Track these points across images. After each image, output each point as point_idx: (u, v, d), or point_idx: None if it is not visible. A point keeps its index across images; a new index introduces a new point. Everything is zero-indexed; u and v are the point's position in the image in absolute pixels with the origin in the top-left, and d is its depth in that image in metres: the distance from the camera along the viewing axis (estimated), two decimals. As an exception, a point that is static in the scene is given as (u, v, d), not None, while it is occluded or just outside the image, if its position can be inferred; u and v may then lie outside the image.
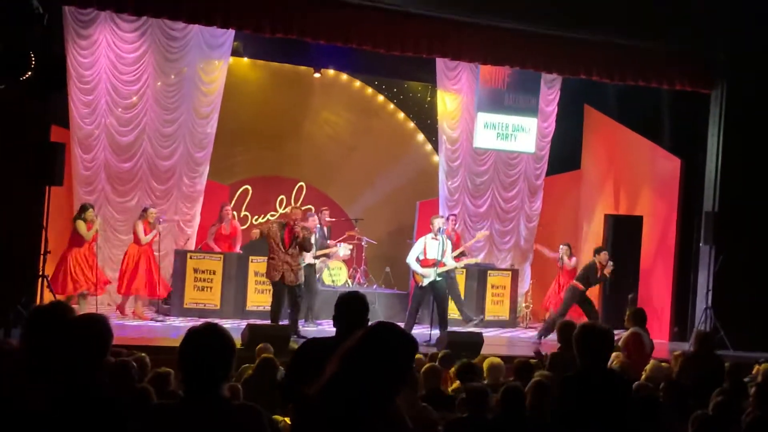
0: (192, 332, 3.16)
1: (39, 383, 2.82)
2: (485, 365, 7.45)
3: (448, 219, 13.73)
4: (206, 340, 3.12)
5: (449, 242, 12.30)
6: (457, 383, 7.22)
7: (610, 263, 12.87)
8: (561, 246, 14.03)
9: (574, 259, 14.02)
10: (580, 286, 12.66)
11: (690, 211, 13.96)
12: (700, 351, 7.83)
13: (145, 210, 12.19)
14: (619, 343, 9.03)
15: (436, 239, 11.78)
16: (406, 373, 3.14)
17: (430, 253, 11.78)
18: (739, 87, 13.30)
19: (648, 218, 14.47)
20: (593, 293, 14.32)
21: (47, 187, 10.61)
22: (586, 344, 4.61)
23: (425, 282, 11.71)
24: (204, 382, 3.08)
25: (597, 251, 13.01)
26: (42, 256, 10.63)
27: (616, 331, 9.22)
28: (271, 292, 11.36)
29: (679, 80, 13.47)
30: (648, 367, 8.12)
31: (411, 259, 11.89)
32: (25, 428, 2.63)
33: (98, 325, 2.87)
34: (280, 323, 11.10)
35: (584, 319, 11.64)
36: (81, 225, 11.59)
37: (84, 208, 11.72)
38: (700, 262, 13.68)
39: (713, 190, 13.50)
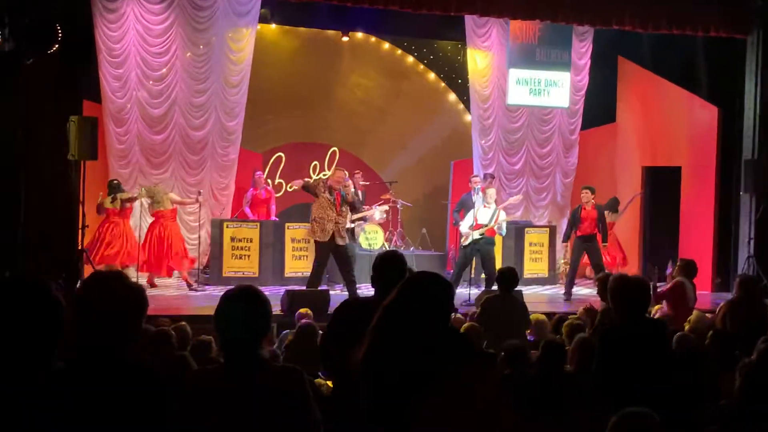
0: (226, 295, 3.14)
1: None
2: (531, 321, 7.43)
3: (484, 178, 13.62)
4: (241, 302, 3.11)
5: (481, 200, 12.32)
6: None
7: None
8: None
9: (616, 214, 13.84)
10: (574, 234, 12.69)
11: (729, 159, 13.74)
12: (743, 296, 7.66)
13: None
14: (664, 295, 8.94)
15: (487, 206, 11.80)
16: (446, 313, 3.13)
17: (481, 219, 11.81)
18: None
19: (686, 169, 14.27)
20: (633, 245, 14.22)
21: (83, 162, 10.68)
22: (621, 296, 4.54)
23: (467, 241, 11.77)
24: (241, 344, 3.07)
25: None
26: (80, 231, 10.73)
27: (660, 285, 9.18)
28: (315, 254, 11.31)
29: (714, 26, 13.19)
30: (691, 317, 8.03)
31: (464, 227, 11.95)
32: (57, 396, 2.63)
33: (135, 292, 2.85)
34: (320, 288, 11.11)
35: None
36: (106, 199, 11.77)
37: (118, 187, 11.91)
38: (741, 211, 13.49)
39: (752, 137, 13.26)
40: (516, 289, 8.67)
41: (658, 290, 9.04)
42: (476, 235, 11.83)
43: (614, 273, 9.96)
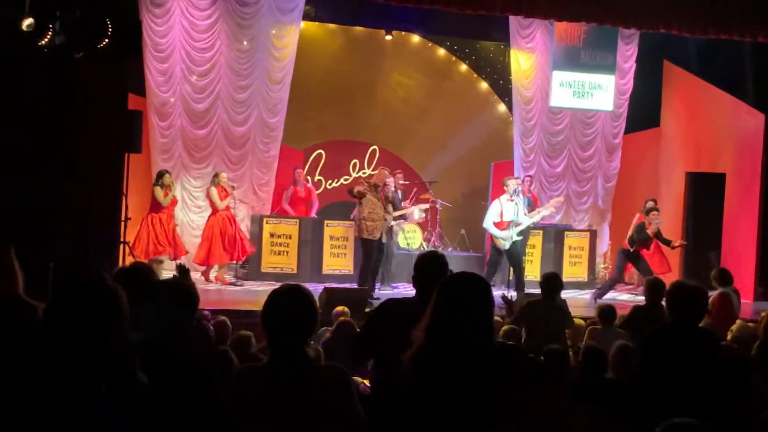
0: (274, 294, 3.14)
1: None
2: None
3: (524, 180, 13.57)
4: (289, 300, 3.11)
5: (526, 203, 12.23)
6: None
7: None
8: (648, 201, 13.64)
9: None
10: (627, 247, 12.49)
11: (775, 167, 13.54)
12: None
13: (216, 175, 12.29)
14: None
15: (511, 201, 11.70)
16: (487, 314, 3.13)
17: (507, 215, 11.69)
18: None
19: (731, 175, 14.06)
20: (675, 252, 14.04)
21: (126, 155, 10.78)
22: (676, 300, 4.48)
23: (506, 245, 11.68)
24: (289, 343, 3.07)
25: (647, 212, 12.73)
26: (122, 223, 10.83)
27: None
28: (363, 252, 11.41)
29: (762, 33, 12.98)
30: (734, 327, 7.92)
31: (488, 224, 11.83)
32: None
33: (190, 289, 2.88)
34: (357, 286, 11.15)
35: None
36: (158, 191, 11.77)
37: (161, 174, 11.90)
38: (786, 220, 13.29)
39: (799, 144, 13.06)
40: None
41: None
42: (516, 236, 11.76)
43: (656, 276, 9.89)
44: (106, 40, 8.81)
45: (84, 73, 9.72)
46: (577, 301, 12.85)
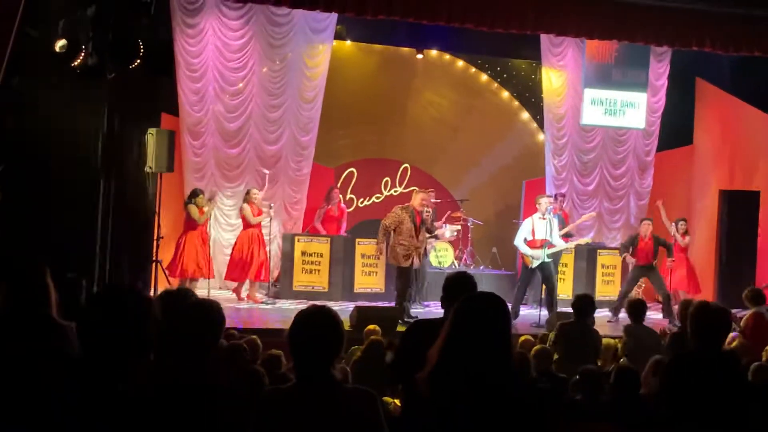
0: (301, 315, 3.15)
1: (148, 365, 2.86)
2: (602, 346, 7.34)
3: (556, 198, 13.52)
4: (315, 322, 3.11)
5: (558, 222, 12.17)
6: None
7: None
8: (679, 222, 13.55)
9: (688, 237, 13.58)
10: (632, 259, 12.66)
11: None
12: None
13: (248, 192, 12.38)
14: (741, 324, 8.75)
15: (544, 219, 11.66)
16: (501, 334, 3.12)
17: (538, 233, 11.65)
18: None
19: (765, 193, 13.92)
20: (709, 273, 13.90)
21: (159, 174, 10.89)
22: (700, 323, 4.43)
23: (535, 264, 11.63)
24: (315, 365, 3.07)
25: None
26: (156, 242, 10.93)
27: (736, 311, 8.99)
28: (397, 276, 11.42)
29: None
30: (768, 348, 7.82)
31: (519, 241, 11.80)
32: (128, 409, 2.68)
33: (212, 311, 2.90)
34: (389, 305, 11.17)
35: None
36: (193, 209, 11.83)
37: (195, 193, 11.97)
38: (822, 238, 13.11)
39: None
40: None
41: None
42: (546, 257, 11.70)
43: (688, 298, 9.84)
44: (138, 61, 8.92)
45: (117, 93, 9.86)
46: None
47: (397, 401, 5.37)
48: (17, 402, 2.66)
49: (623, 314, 10.59)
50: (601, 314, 12.35)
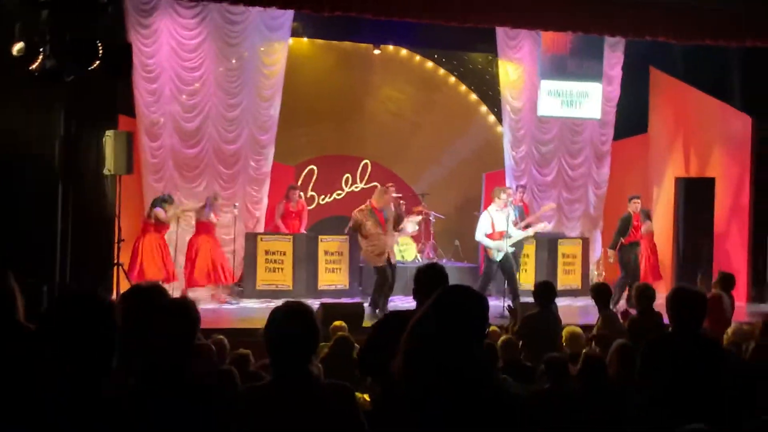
0: (276, 312, 3.15)
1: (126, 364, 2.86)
2: (564, 334, 7.41)
3: (516, 189, 13.64)
4: (292, 319, 3.12)
5: (517, 213, 12.30)
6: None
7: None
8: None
9: (648, 223, 13.75)
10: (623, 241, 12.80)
11: (764, 169, 13.61)
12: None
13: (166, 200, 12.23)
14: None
15: (501, 210, 11.77)
16: (481, 329, 3.13)
17: (498, 225, 11.75)
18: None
19: (720, 179, 14.15)
20: (667, 259, 14.10)
21: (118, 176, 10.79)
22: (677, 307, 4.49)
23: (499, 255, 11.73)
24: (293, 361, 3.08)
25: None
26: (116, 245, 10.83)
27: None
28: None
29: (748, 37, 13.06)
30: (729, 330, 7.95)
31: (480, 236, 11.89)
32: (111, 408, 2.67)
33: (189, 309, 2.89)
34: (353, 301, 11.21)
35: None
36: (159, 212, 11.77)
37: (169, 199, 11.93)
38: (776, 222, 13.36)
39: (787, 146, 13.15)
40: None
41: None
42: (509, 247, 11.80)
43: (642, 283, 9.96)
44: (97, 63, 8.84)
45: (74, 95, 9.77)
46: (572, 309, 12.90)
47: (366, 396, 5.38)
48: (12, 404, 2.64)
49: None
50: (562, 303, 12.48)
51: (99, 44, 8.74)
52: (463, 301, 3.12)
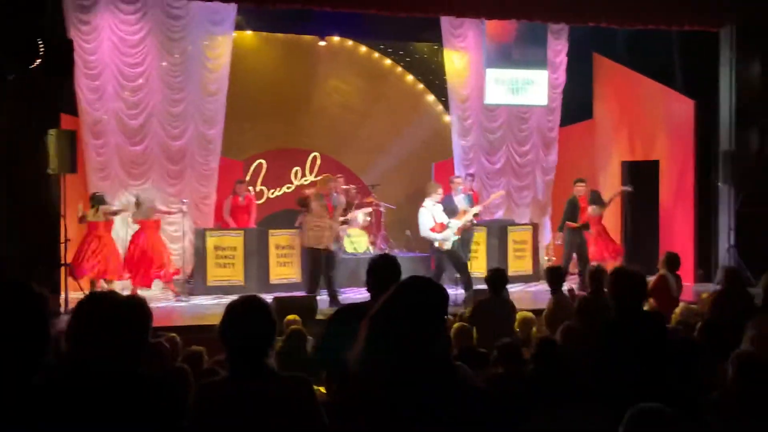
0: (232, 307, 3.13)
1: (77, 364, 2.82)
2: (516, 319, 7.47)
3: (465, 178, 13.70)
4: (247, 313, 3.10)
5: (467, 198, 12.40)
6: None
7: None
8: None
9: (593, 206, 13.90)
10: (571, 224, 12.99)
11: (707, 151, 13.83)
12: (729, 286, 7.71)
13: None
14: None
15: (437, 204, 11.85)
16: (441, 320, 3.13)
17: (438, 217, 11.83)
18: (749, 24, 13.09)
19: (665, 162, 14.37)
20: (615, 239, 14.26)
21: (62, 176, 10.62)
22: (619, 288, 4.54)
23: (448, 245, 11.79)
24: (250, 355, 3.06)
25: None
26: (62, 245, 10.66)
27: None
28: (309, 261, 11.45)
29: (687, 21, 13.27)
30: (677, 310, 8.09)
31: (425, 231, 11.93)
32: (64, 407, 2.63)
33: (141, 306, 2.86)
34: (305, 294, 11.17)
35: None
36: (92, 212, 11.67)
37: (101, 200, 11.79)
38: (720, 202, 13.58)
39: (728, 128, 13.36)
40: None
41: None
42: (452, 234, 11.88)
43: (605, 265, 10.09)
44: (38, 61, 8.68)
45: (15, 94, 9.59)
46: (524, 294, 13.02)
47: (321, 389, 5.36)
48: None
49: None
50: (514, 289, 12.59)
51: (40, 43, 8.58)
52: (423, 293, 3.12)
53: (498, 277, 8.04)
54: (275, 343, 7.14)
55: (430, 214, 11.85)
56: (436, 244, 11.92)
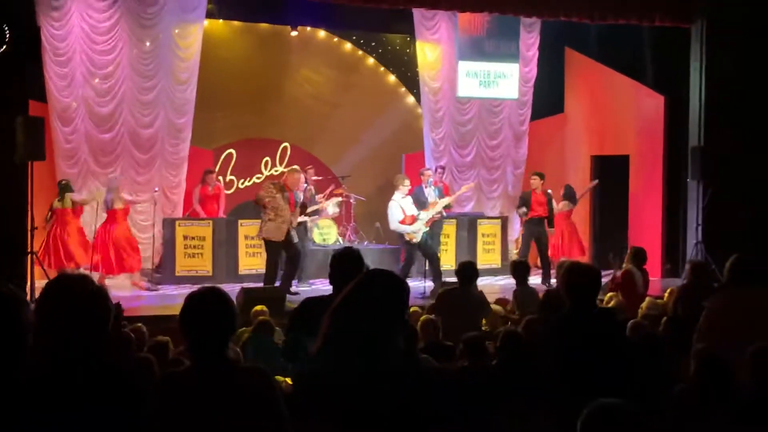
0: (192, 297, 3.13)
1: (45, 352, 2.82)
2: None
3: (436, 170, 13.73)
4: (207, 303, 3.11)
5: (437, 191, 12.40)
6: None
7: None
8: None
9: (563, 203, 14.00)
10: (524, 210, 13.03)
11: (676, 147, 13.92)
12: (695, 281, 7.75)
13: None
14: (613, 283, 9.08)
15: (405, 196, 11.85)
16: (402, 313, 3.15)
17: (408, 210, 11.82)
18: (719, 20, 13.18)
19: (634, 157, 14.47)
20: (584, 236, 14.36)
21: (30, 163, 10.50)
22: (570, 283, 4.55)
23: (418, 237, 11.78)
24: (210, 346, 3.07)
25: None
26: (29, 233, 10.56)
27: (604, 272, 9.33)
28: (267, 253, 11.36)
29: (658, 16, 13.33)
30: (643, 304, 8.17)
31: (395, 225, 11.92)
32: (29, 395, 2.63)
33: (102, 297, 2.85)
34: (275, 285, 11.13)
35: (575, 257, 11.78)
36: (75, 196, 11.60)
37: (68, 188, 11.70)
38: (689, 198, 13.67)
39: (698, 124, 13.44)
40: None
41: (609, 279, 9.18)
42: (424, 227, 11.87)
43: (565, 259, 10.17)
44: (4, 47, 8.57)
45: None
46: (492, 287, 13.05)
47: (288, 380, 5.36)
48: None
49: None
50: (482, 282, 12.62)
51: (6, 28, 8.48)
52: (383, 286, 3.15)
53: (468, 270, 8.06)
54: (241, 334, 7.16)
55: (399, 207, 11.85)
56: (406, 237, 11.91)
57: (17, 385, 2.62)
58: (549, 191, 13.14)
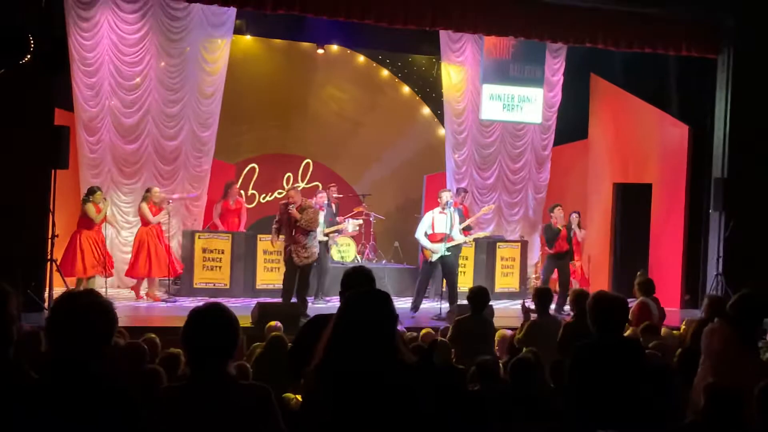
0: (194, 312, 3.14)
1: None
2: (496, 337, 7.47)
3: (457, 192, 13.73)
4: (209, 319, 3.12)
5: (458, 216, 12.30)
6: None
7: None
8: (572, 214, 13.88)
9: (583, 231, 13.98)
10: (548, 250, 12.89)
11: (699, 177, 13.85)
12: (712, 316, 7.69)
13: (148, 190, 12.19)
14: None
15: (444, 213, 11.76)
16: (384, 331, 3.18)
17: (438, 227, 11.76)
18: (746, 51, 13.14)
19: (657, 186, 14.39)
20: (604, 263, 14.30)
21: (53, 171, 10.59)
22: (598, 312, 4.55)
23: (434, 257, 11.71)
24: (208, 361, 3.08)
25: (551, 209, 13.16)
26: (50, 240, 10.63)
27: (630, 300, 9.27)
28: (282, 270, 11.41)
29: (685, 46, 13.32)
30: (661, 334, 8.09)
31: (420, 234, 11.88)
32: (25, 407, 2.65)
33: (104, 310, 2.87)
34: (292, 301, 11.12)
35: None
36: (90, 207, 11.61)
37: (92, 191, 11.75)
38: (710, 229, 13.59)
39: (722, 156, 13.37)
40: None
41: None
42: (444, 249, 11.77)
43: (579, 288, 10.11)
44: (29, 57, 8.65)
45: (7, 88, 9.56)
46: (510, 311, 12.99)
47: (298, 397, 5.36)
48: None
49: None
50: (500, 305, 12.59)
51: (30, 38, 8.56)
52: (364, 306, 3.20)
53: (480, 296, 8.04)
54: (253, 349, 7.16)
55: (430, 220, 11.81)
56: (424, 252, 11.89)
57: (11, 386, 2.63)
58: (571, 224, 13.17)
